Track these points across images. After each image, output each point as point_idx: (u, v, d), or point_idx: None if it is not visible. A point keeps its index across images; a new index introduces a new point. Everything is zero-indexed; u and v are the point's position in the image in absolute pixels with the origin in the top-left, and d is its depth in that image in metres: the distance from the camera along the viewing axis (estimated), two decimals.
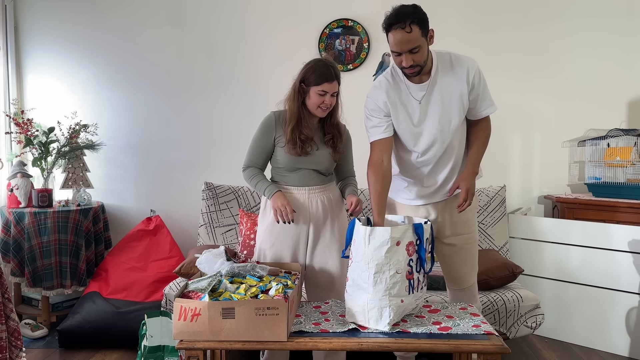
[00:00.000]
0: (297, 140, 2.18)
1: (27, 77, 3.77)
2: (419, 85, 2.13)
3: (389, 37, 2.02)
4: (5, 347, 2.11)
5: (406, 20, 1.95)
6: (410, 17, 1.95)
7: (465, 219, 2.27)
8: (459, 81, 2.11)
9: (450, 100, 2.12)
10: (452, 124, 2.14)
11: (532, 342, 3.13)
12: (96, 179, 3.71)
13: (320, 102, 2.18)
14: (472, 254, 2.33)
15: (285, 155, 2.22)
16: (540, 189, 3.70)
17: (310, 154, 2.22)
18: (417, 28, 1.97)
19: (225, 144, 3.72)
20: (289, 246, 2.26)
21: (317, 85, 2.16)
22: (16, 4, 3.71)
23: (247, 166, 2.31)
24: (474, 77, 2.11)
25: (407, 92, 2.15)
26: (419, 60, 2.02)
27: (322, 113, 2.22)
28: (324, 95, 2.17)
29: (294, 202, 2.24)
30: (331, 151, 2.27)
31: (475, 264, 2.36)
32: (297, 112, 2.21)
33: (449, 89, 2.12)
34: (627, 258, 2.94)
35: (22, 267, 3.26)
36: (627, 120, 3.60)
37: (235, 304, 1.76)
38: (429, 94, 2.13)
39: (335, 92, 2.20)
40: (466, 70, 2.11)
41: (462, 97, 2.12)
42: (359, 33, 3.64)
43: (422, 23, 1.98)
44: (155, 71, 3.74)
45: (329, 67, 2.19)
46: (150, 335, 2.47)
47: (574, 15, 3.59)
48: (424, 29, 2.00)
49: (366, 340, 1.79)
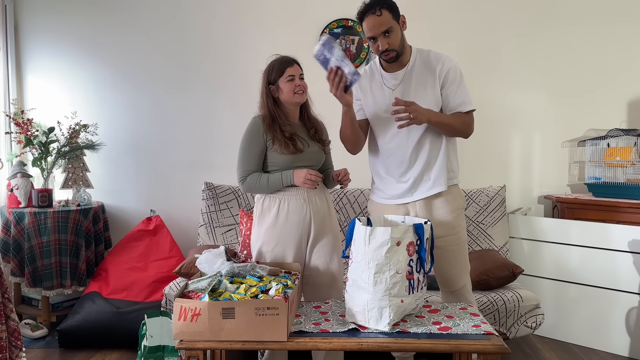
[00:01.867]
0: (283, 139, 2.21)
1: (27, 77, 3.77)
2: (393, 74, 2.23)
3: (364, 27, 2.14)
4: (5, 347, 2.11)
5: (376, 6, 2.08)
6: (379, 3, 2.08)
7: (448, 220, 2.24)
8: (431, 75, 2.19)
9: (425, 92, 2.19)
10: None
11: (532, 342, 3.13)
12: (96, 179, 3.71)
13: (293, 88, 2.24)
14: (459, 256, 2.29)
15: (280, 157, 2.23)
16: (540, 189, 3.70)
17: (304, 151, 2.24)
18: (387, 12, 2.09)
19: (225, 143, 3.72)
20: (293, 246, 2.24)
21: (282, 75, 2.24)
22: (16, 4, 3.71)
23: (245, 175, 2.25)
24: (448, 72, 2.18)
25: (380, 80, 2.26)
26: (394, 43, 2.13)
27: (301, 97, 2.27)
28: (294, 80, 2.24)
29: (295, 202, 2.24)
30: (320, 145, 2.33)
31: (465, 265, 2.32)
32: (270, 111, 2.27)
33: (423, 81, 2.20)
34: (627, 258, 2.94)
35: (22, 267, 3.27)
36: (627, 120, 3.60)
37: (235, 304, 1.76)
38: (404, 84, 2.21)
39: (301, 74, 2.27)
40: (441, 64, 2.19)
41: (435, 90, 2.19)
42: (359, 33, 3.64)
43: (391, 8, 2.12)
44: (155, 71, 3.75)
45: (283, 57, 2.29)
46: (150, 335, 2.47)
47: (574, 16, 3.59)
48: (394, 13, 2.12)
49: (366, 340, 1.79)
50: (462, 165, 3.49)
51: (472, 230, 3.33)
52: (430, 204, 2.24)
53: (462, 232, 2.30)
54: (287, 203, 2.24)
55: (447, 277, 2.30)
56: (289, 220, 2.23)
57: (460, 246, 2.29)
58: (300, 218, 2.23)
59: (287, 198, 2.24)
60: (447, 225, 2.24)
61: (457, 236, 2.26)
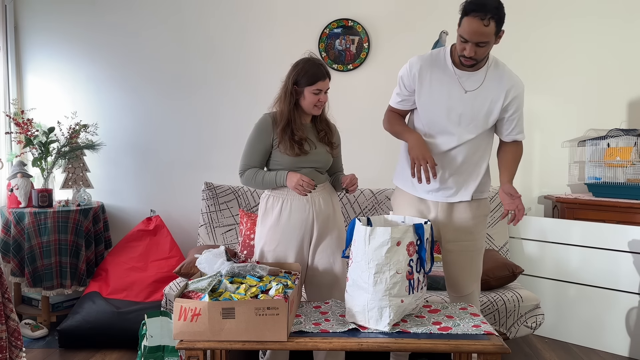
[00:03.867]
0: (291, 142, 2.19)
1: (27, 77, 3.77)
2: (469, 73, 2.12)
3: (464, 22, 1.98)
4: (5, 347, 2.11)
5: (487, 13, 1.92)
6: (492, 12, 1.93)
7: (467, 225, 2.21)
8: (500, 91, 2.11)
9: (483, 101, 2.12)
10: (473, 122, 2.13)
11: (532, 342, 3.13)
12: (96, 179, 3.71)
13: (316, 101, 2.21)
14: (472, 263, 2.25)
15: (284, 157, 2.22)
16: (540, 189, 3.70)
17: (309, 153, 2.23)
18: (494, 24, 1.95)
19: (225, 143, 3.72)
20: (294, 246, 2.24)
21: (311, 85, 2.18)
22: (16, 4, 3.71)
23: (245, 169, 2.27)
24: (516, 97, 2.12)
25: (452, 76, 2.13)
26: (481, 55, 2.02)
27: (318, 111, 2.25)
28: (319, 94, 2.20)
29: (297, 202, 2.24)
30: (328, 148, 2.30)
31: (477, 272, 2.29)
32: (287, 114, 2.22)
33: (486, 92, 2.12)
34: (627, 258, 2.94)
35: (22, 267, 3.26)
36: (627, 120, 3.60)
37: (235, 304, 1.76)
38: (470, 84, 2.12)
39: (328, 89, 2.24)
40: (512, 85, 2.12)
41: (496, 106, 2.12)
42: (359, 33, 3.64)
43: (499, 21, 1.97)
44: (155, 71, 3.75)
45: (319, 65, 2.21)
46: (150, 335, 2.47)
47: (573, 15, 3.59)
48: (498, 28, 1.98)
49: (366, 340, 1.79)
50: None
51: None
52: (452, 207, 2.22)
53: (480, 239, 2.26)
54: (289, 203, 2.23)
55: (457, 281, 2.28)
56: (291, 221, 2.23)
57: (475, 253, 2.25)
58: (302, 218, 2.23)
59: (290, 198, 2.24)
60: (465, 231, 2.22)
61: (474, 242, 2.23)
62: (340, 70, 3.65)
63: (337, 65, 3.65)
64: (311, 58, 2.25)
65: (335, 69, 3.64)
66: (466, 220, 2.21)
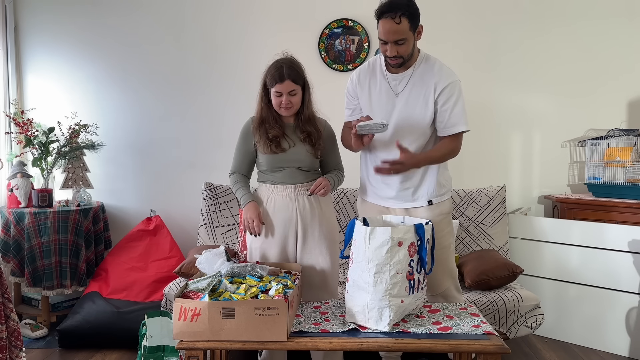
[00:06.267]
0: (266, 140, 2.21)
1: (27, 77, 3.76)
2: (397, 75, 2.20)
3: (379, 25, 2.07)
4: (5, 347, 2.11)
5: (397, 12, 2.00)
6: (401, 9, 2.01)
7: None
8: (427, 86, 2.16)
9: (417, 101, 2.16)
10: (411, 125, 2.17)
11: (532, 342, 3.13)
12: (96, 179, 3.71)
13: (279, 103, 2.20)
14: (441, 260, 2.23)
15: (263, 156, 2.26)
16: (540, 189, 3.70)
17: (286, 152, 2.23)
18: (406, 21, 2.02)
19: (225, 143, 3.70)
20: (277, 244, 2.26)
21: (272, 87, 2.20)
22: (16, 4, 3.71)
23: (232, 172, 2.37)
24: (444, 89, 2.14)
25: (382, 80, 2.22)
26: (403, 52, 2.09)
27: (286, 112, 2.23)
28: (280, 96, 2.19)
29: (281, 200, 2.24)
30: (309, 148, 2.26)
31: (447, 269, 2.30)
32: (260, 113, 2.26)
33: (418, 90, 2.17)
34: (627, 258, 2.94)
35: (22, 267, 3.26)
36: (627, 120, 3.60)
37: (235, 304, 1.76)
38: (408, 89, 2.18)
39: (291, 90, 2.18)
40: (438, 78, 2.15)
41: (427, 102, 2.15)
42: (359, 33, 3.64)
43: (412, 17, 2.03)
44: (155, 71, 3.74)
45: (279, 67, 2.19)
46: (150, 335, 2.47)
47: (574, 16, 3.59)
48: (413, 23, 2.05)
49: (366, 340, 1.79)
50: (462, 165, 3.52)
51: (472, 230, 3.33)
52: (414, 212, 2.25)
53: (444, 236, 2.28)
54: (273, 201, 2.27)
55: (429, 279, 2.26)
56: (275, 219, 2.26)
57: (442, 250, 2.25)
58: (285, 217, 2.25)
59: (274, 196, 2.27)
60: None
61: (439, 241, 2.21)
62: (340, 70, 3.65)
63: (337, 65, 3.65)
64: (279, 59, 2.24)
65: (335, 69, 3.64)
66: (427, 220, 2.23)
